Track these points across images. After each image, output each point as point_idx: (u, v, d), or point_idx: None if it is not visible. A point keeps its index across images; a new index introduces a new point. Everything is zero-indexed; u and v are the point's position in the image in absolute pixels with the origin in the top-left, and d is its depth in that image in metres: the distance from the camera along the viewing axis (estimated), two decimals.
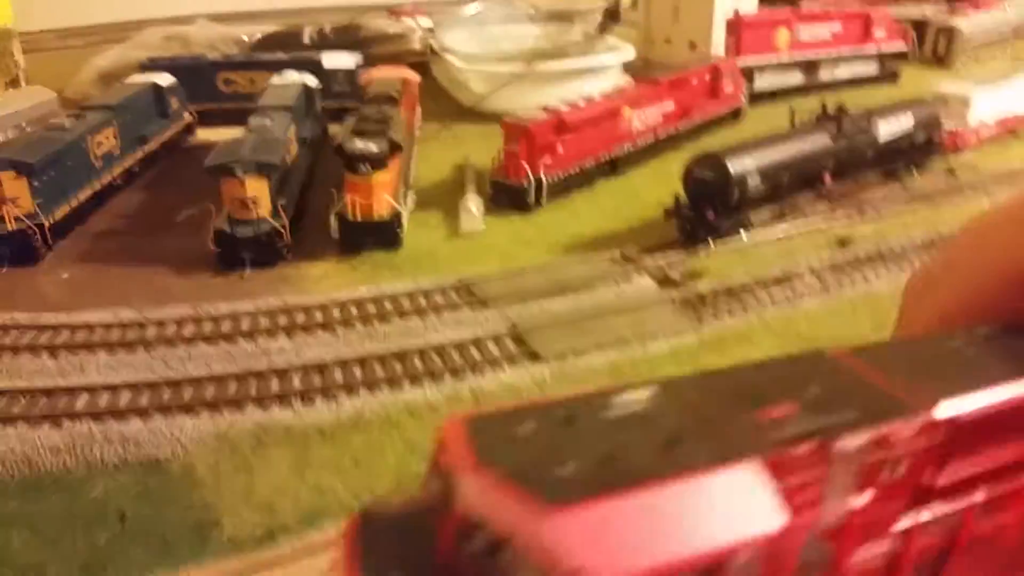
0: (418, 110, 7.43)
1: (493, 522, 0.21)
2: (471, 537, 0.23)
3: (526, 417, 0.26)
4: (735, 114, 8.23)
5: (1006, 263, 0.52)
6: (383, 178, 4.58)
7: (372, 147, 5.03)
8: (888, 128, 6.42)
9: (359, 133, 5.42)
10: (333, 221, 4.49)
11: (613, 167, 6.42)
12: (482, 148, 5.95)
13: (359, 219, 4.36)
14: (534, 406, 0.27)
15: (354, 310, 1.73)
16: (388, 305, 1.39)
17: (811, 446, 0.24)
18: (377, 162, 4.65)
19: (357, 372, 1.23)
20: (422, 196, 5.03)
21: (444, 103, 7.86)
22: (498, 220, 3.74)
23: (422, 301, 1.50)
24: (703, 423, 0.24)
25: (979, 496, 0.29)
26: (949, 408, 0.27)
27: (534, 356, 0.92)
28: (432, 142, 6.08)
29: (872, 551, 0.27)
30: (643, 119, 6.78)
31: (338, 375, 1.30)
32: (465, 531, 0.23)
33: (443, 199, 5.17)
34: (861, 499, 0.25)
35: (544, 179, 5.15)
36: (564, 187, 5.53)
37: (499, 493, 0.21)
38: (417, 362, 1.01)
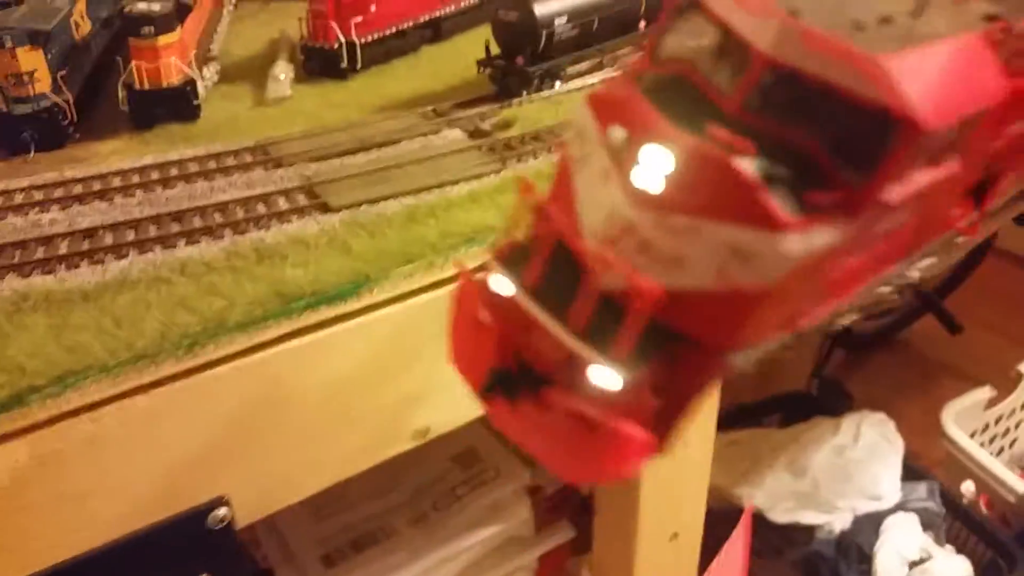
0: None
1: (816, 71, 0.23)
2: (776, 87, 0.24)
3: None
4: None
5: None
6: (169, 40, 4.52)
7: (155, 7, 4.75)
8: None
9: None
10: (121, 91, 4.37)
11: (437, 31, 6.48)
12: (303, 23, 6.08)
13: (147, 87, 4.35)
14: None
15: (136, 178, 1.62)
16: (174, 171, 1.27)
17: (1001, 26, 0.29)
18: (161, 23, 4.60)
19: (129, 235, 1.14)
20: (233, 70, 4.73)
21: None
22: (309, 86, 3.65)
23: (212, 164, 1.40)
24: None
25: None
26: None
27: (324, 207, 0.88)
28: (249, 20, 5.69)
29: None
30: None
31: (108, 239, 1.20)
32: (769, 82, 0.24)
33: (254, 72, 4.86)
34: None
35: (357, 41, 5.23)
36: (383, 52, 5.42)
37: (825, 44, 0.23)
38: (196, 221, 0.94)
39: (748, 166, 0.21)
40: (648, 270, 0.23)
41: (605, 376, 0.22)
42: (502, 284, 0.28)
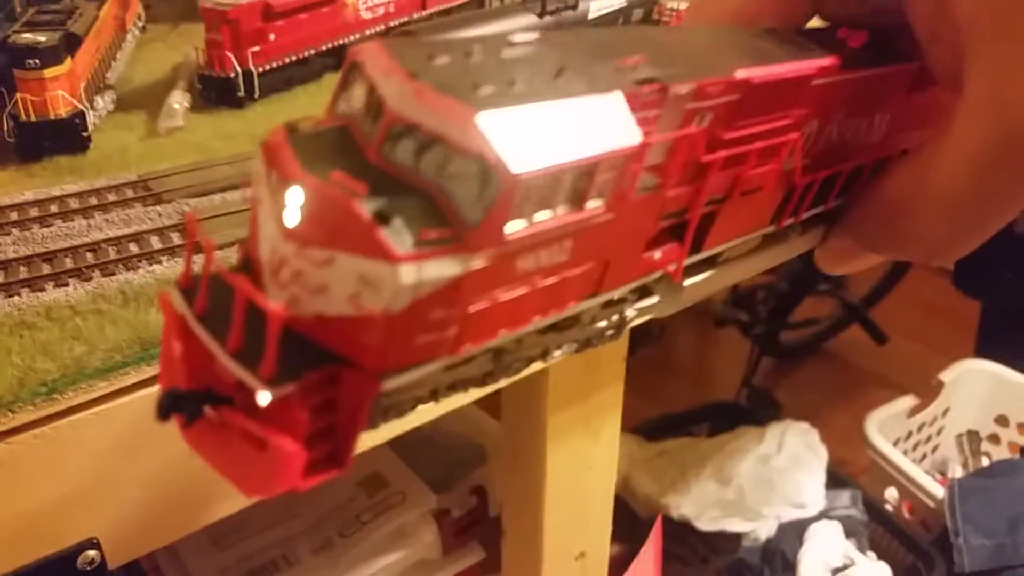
0: (136, 7, 7.06)
1: (427, 124, 0.26)
2: (402, 138, 0.26)
3: (435, 48, 0.31)
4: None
5: None
6: (57, 72, 4.36)
7: (41, 39, 4.65)
8: (598, 4, 6.80)
9: (32, 25, 4.98)
10: (7, 123, 4.25)
11: (341, 58, 6.29)
12: None
13: (33, 119, 4.23)
14: (436, 42, 0.33)
15: (14, 215, 1.60)
16: (53, 207, 1.26)
17: (655, 87, 0.32)
18: (47, 56, 4.42)
19: None
20: (131, 97, 4.60)
21: (180, 4, 7.49)
22: (205, 116, 3.62)
23: (92, 200, 1.39)
24: (578, 63, 0.31)
25: (750, 153, 0.38)
26: (746, 72, 0.35)
27: (197, 247, 0.88)
28: (158, 43, 5.52)
29: (681, 187, 0.36)
30: (372, 6, 6.97)
31: None
32: (396, 134, 0.26)
33: (152, 100, 4.71)
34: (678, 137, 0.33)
35: (255, 70, 5.19)
36: (284, 80, 5.20)
37: (432, 100, 0.26)
38: (68, 262, 0.94)
39: (363, 204, 0.25)
40: (302, 299, 0.26)
41: (260, 394, 0.25)
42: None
